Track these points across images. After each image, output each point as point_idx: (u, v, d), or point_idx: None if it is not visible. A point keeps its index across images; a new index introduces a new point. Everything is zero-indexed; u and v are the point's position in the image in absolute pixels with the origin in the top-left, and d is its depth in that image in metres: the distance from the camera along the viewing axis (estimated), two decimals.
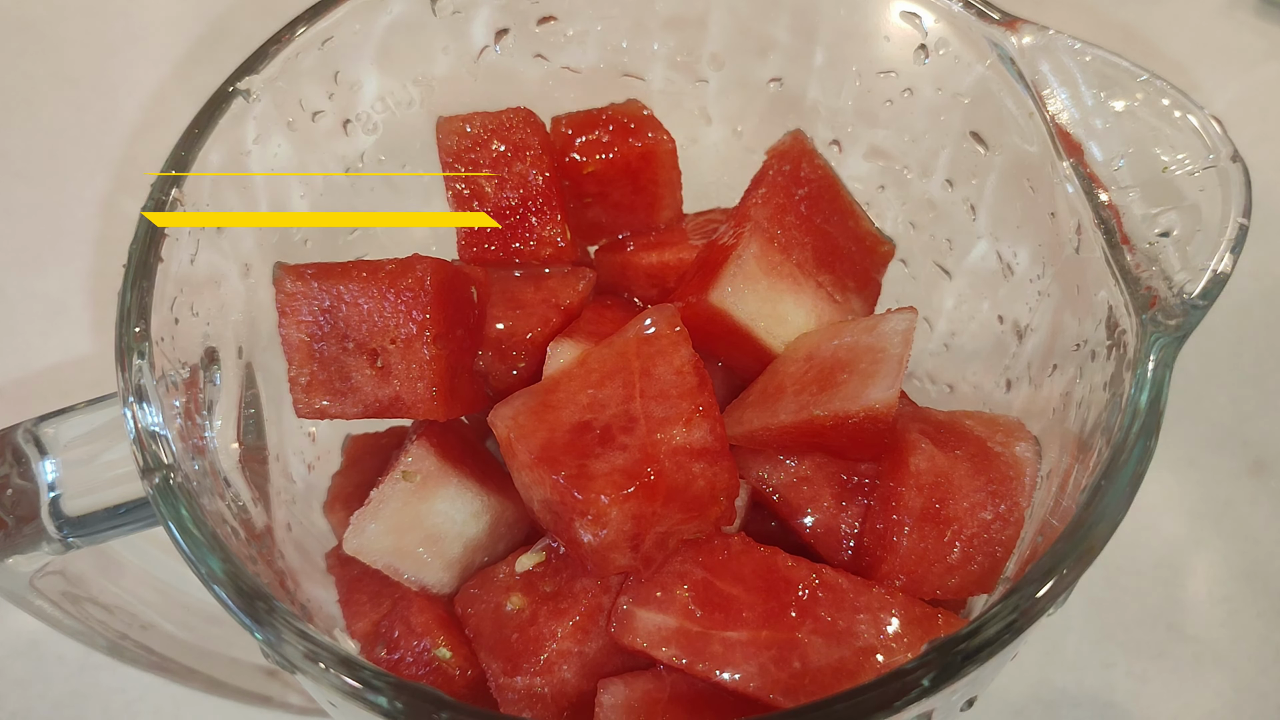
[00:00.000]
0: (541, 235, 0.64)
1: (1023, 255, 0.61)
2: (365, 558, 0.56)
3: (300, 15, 0.59)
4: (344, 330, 0.55)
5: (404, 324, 0.55)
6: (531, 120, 0.64)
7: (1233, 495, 0.82)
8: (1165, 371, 0.46)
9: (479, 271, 0.61)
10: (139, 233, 0.52)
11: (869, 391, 0.52)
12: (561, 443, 0.52)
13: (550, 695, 0.53)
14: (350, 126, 0.65)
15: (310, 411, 0.56)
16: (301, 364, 0.56)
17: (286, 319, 0.55)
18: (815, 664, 0.48)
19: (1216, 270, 0.47)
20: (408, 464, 0.57)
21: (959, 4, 0.57)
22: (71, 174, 1.04)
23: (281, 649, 0.42)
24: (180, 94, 1.09)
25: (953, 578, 0.52)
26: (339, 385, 0.56)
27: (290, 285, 0.55)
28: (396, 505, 0.56)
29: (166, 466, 0.47)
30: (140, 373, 0.48)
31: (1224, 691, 0.74)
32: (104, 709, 0.77)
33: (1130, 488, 0.44)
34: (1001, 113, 0.58)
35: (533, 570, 0.56)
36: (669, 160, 0.67)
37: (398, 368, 0.55)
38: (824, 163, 0.65)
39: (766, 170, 0.64)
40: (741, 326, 0.59)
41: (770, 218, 0.62)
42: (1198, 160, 0.50)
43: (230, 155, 0.57)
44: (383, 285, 0.55)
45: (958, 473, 0.52)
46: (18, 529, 0.52)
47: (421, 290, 0.54)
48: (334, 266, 0.56)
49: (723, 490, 0.52)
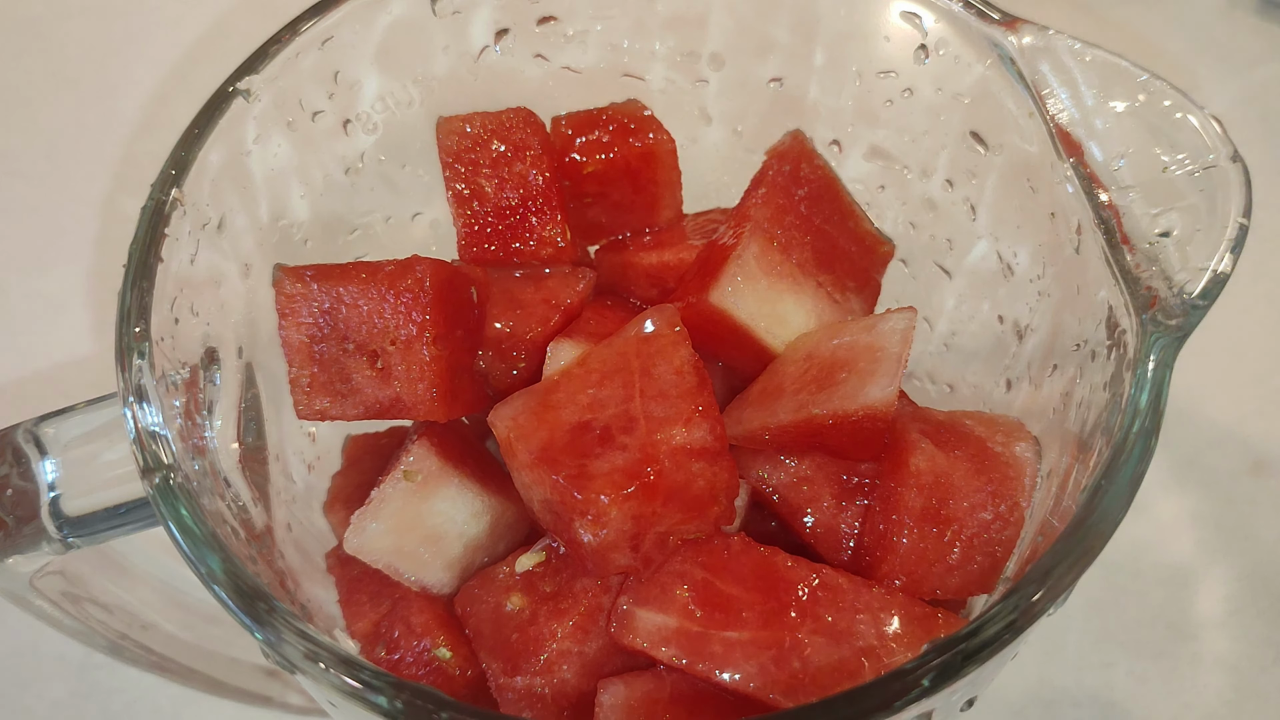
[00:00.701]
0: (541, 235, 0.64)
1: (1023, 255, 0.61)
2: (365, 557, 0.56)
3: (300, 15, 0.59)
4: (344, 332, 0.55)
5: (404, 325, 0.55)
6: (531, 120, 0.64)
7: (1233, 495, 0.82)
8: (1165, 371, 0.46)
9: (478, 271, 0.61)
10: (139, 233, 0.52)
11: (868, 390, 0.52)
12: (561, 443, 0.51)
13: (550, 695, 0.53)
14: (350, 126, 0.65)
15: (311, 413, 0.57)
16: (302, 366, 0.56)
17: (286, 321, 0.55)
18: (815, 664, 0.48)
19: (1216, 270, 0.47)
20: (409, 464, 0.57)
21: (959, 4, 0.57)
22: (71, 174, 1.04)
23: (281, 649, 0.42)
24: (180, 94, 1.09)
25: (953, 578, 0.52)
26: (339, 387, 0.56)
27: (290, 287, 0.55)
28: (397, 505, 0.56)
29: (166, 466, 0.47)
30: (140, 373, 0.48)
31: (1224, 691, 0.74)
32: (104, 709, 0.77)
33: (1130, 488, 0.44)
34: (1001, 113, 0.58)
35: (533, 570, 0.56)
36: (669, 160, 0.67)
37: (398, 369, 0.55)
38: (824, 163, 0.65)
39: (766, 171, 0.64)
40: (742, 326, 0.59)
41: (770, 218, 0.61)
42: (1198, 160, 0.50)
43: (230, 155, 0.57)
44: (382, 287, 0.55)
45: (958, 473, 0.52)
46: (18, 529, 0.52)
47: (421, 291, 0.54)
48: (333, 268, 0.56)
49: (722, 490, 0.52)
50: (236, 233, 0.58)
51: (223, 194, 0.57)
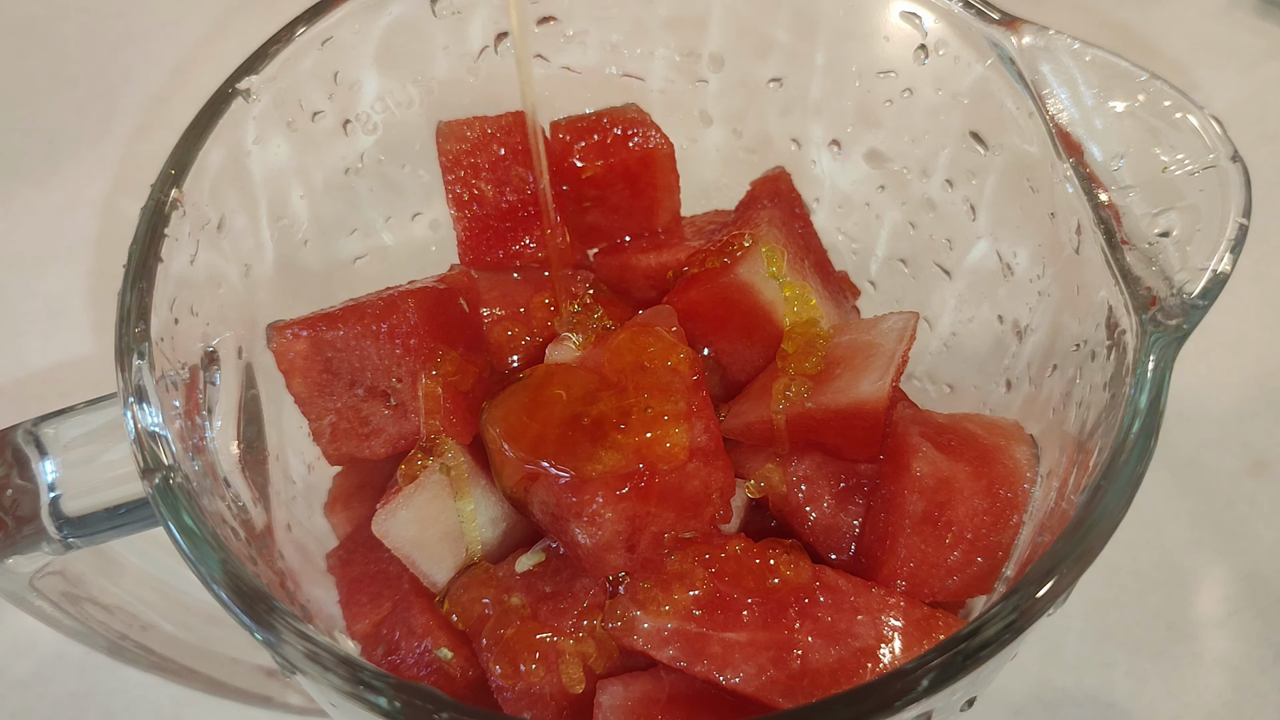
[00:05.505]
0: (541, 238, 0.64)
1: (1023, 255, 0.61)
2: (389, 542, 0.55)
3: (300, 15, 0.59)
4: (350, 377, 0.56)
5: (402, 362, 0.55)
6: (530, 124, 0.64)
7: (1233, 495, 0.82)
8: (1165, 371, 0.46)
9: (462, 278, 0.61)
10: (139, 233, 0.52)
11: (859, 385, 0.53)
12: (554, 442, 0.52)
13: (550, 695, 0.53)
14: (350, 126, 0.65)
15: (341, 458, 0.57)
16: (319, 416, 0.56)
17: (291, 380, 0.56)
18: (815, 665, 0.48)
19: (1216, 270, 0.47)
20: (448, 458, 0.56)
21: (959, 4, 0.57)
22: (71, 174, 1.04)
23: (281, 649, 0.42)
24: (180, 94, 1.09)
25: (953, 579, 0.53)
26: (361, 430, 0.57)
27: (284, 346, 0.55)
28: (429, 495, 0.56)
29: (166, 467, 0.47)
30: (140, 373, 0.48)
31: (1224, 691, 0.74)
32: (104, 709, 0.77)
33: (1130, 488, 0.44)
34: (1001, 113, 0.58)
35: (533, 570, 0.56)
36: (667, 164, 0.67)
37: (410, 403, 0.56)
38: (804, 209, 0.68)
39: (759, 195, 0.65)
40: (763, 306, 0.59)
41: (781, 220, 0.62)
42: (1198, 160, 0.50)
43: (230, 155, 0.57)
44: (371, 327, 0.55)
45: (959, 476, 0.52)
46: (18, 529, 0.52)
47: (410, 327, 0.55)
48: (321, 317, 0.56)
49: (718, 489, 0.52)
50: (236, 233, 0.58)
51: (223, 194, 0.57)
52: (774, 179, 0.67)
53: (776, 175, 0.67)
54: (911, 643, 0.49)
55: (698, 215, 0.71)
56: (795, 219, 0.65)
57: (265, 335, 0.56)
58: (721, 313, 0.59)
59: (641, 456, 0.50)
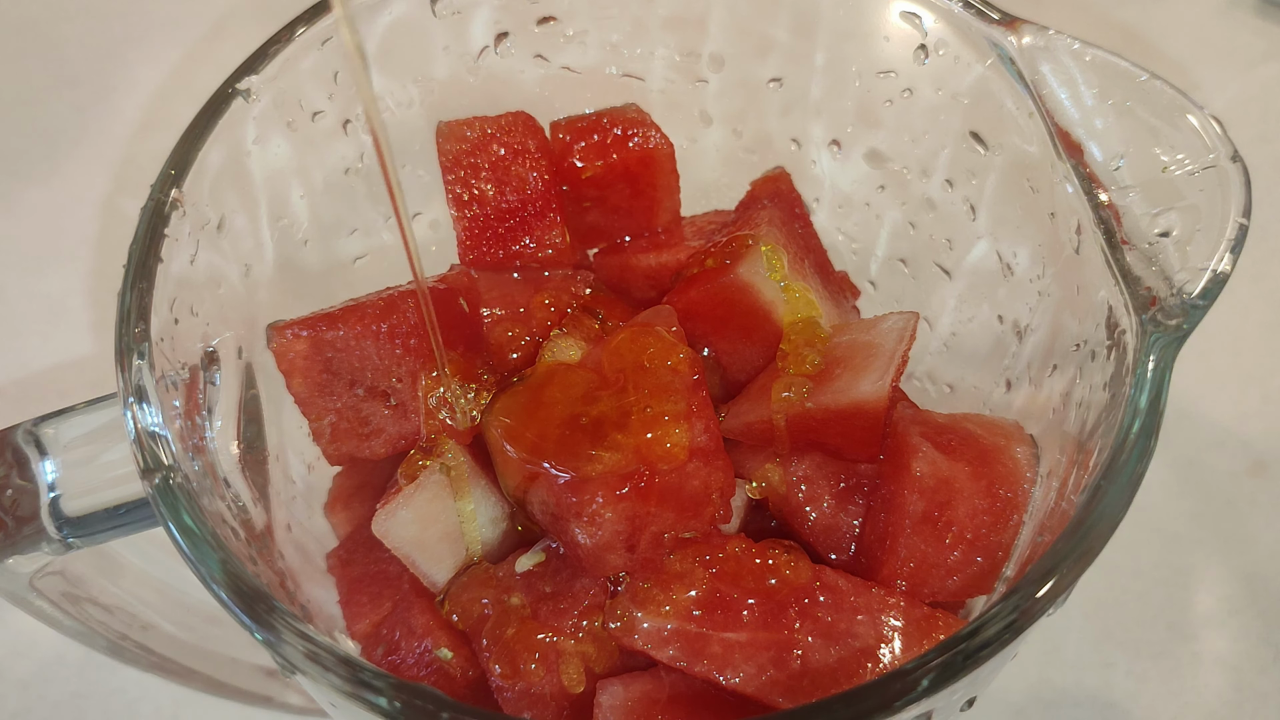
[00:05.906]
0: (541, 238, 0.64)
1: (1023, 255, 0.61)
2: (389, 542, 0.56)
3: (300, 15, 0.59)
4: (350, 377, 0.56)
5: (402, 362, 0.55)
6: (530, 124, 0.65)
7: (1233, 495, 0.82)
8: (1165, 371, 0.46)
9: (462, 277, 0.61)
10: (139, 233, 0.52)
11: (859, 385, 0.53)
12: (554, 442, 0.52)
13: (550, 695, 0.53)
14: (350, 126, 0.65)
15: (341, 458, 0.57)
16: (319, 417, 0.56)
17: (291, 380, 0.56)
18: (815, 665, 0.48)
19: (1216, 270, 0.47)
20: (448, 458, 0.56)
21: (959, 4, 0.57)
22: (71, 174, 1.04)
23: (281, 649, 0.42)
24: (180, 94, 1.09)
25: (953, 579, 0.53)
26: (361, 430, 0.57)
27: (284, 346, 0.55)
28: (429, 495, 0.56)
29: (166, 467, 0.47)
30: (140, 373, 0.48)
31: (1224, 691, 0.74)
32: (104, 709, 0.77)
33: (1130, 488, 0.44)
34: (1001, 113, 0.58)
35: (533, 570, 0.56)
36: (667, 164, 0.67)
37: (410, 403, 0.56)
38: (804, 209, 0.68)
39: (759, 195, 0.65)
40: (763, 305, 0.59)
41: (781, 220, 0.62)
42: (1198, 160, 0.50)
43: (230, 155, 0.57)
44: (371, 328, 0.55)
45: (959, 477, 0.52)
46: (18, 529, 0.52)
47: (410, 327, 0.55)
48: (320, 318, 0.56)
49: (718, 489, 0.52)
50: (236, 233, 0.58)
51: (222, 194, 0.57)
52: (774, 179, 0.67)
53: (776, 175, 0.68)
54: (911, 643, 0.49)
55: (698, 215, 0.71)
56: (795, 219, 0.65)
57: (265, 335, 0.56)
58: (721, 313, 0.59)
59: (641, 456, 0.50)
